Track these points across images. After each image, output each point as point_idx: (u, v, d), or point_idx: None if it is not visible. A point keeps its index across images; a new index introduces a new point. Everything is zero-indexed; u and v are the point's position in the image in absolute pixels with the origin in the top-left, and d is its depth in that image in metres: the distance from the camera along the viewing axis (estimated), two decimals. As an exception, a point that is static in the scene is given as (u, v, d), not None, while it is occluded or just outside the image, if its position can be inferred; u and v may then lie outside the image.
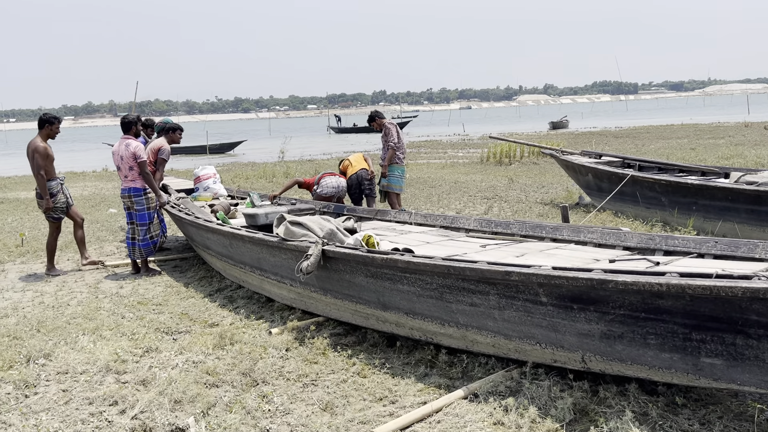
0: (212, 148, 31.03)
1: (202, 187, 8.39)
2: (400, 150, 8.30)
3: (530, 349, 3.54)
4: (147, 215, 6.85)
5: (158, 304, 5.70)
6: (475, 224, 5.72)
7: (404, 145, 8.47)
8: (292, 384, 3.82)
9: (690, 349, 2.95)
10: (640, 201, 8.13)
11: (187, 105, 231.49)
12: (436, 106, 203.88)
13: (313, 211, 6.93)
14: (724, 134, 24.36)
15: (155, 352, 4.43)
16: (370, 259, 4.05)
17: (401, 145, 8.34)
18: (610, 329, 3.15)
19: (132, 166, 6.74)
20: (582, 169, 9.54)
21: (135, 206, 6.83)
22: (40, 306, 5.81)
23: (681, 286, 2.80)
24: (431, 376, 3.82)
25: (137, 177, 6.78)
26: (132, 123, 6.91)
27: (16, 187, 17.50)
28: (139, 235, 6.84)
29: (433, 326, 3.94)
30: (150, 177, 6.80)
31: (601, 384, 3.47)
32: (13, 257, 8.01)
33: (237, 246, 5.57)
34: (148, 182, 6.80)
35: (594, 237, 4.77)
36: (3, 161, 34.91)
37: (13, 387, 3.91)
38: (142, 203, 6.82)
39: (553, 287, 3.23)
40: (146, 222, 6.84)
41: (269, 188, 13.86)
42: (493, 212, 9.67)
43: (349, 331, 4.67)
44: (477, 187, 12.83)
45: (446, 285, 3.69)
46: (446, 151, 24.80)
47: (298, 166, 19.59)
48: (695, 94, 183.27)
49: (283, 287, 5.16)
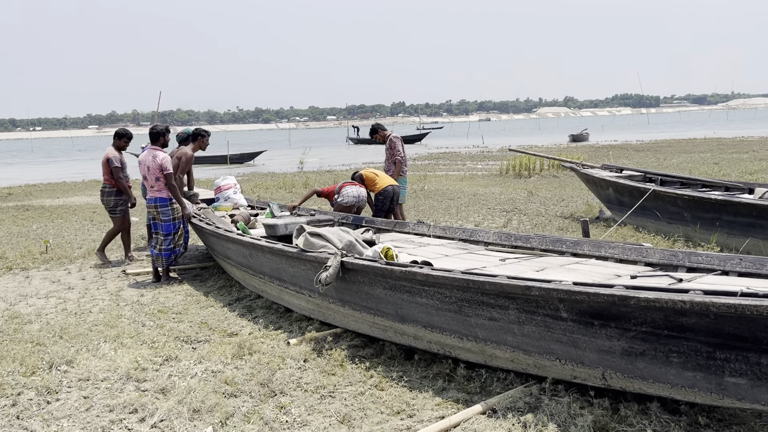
0: (233, 158, 31.32)
1: (223, 197, 8.47)
2: (404, 163, 8.65)
3: (550, 364, 3.51)
4: (172, 225, 6.94)
5: (178, 313, 5.75)
6: (494, 237, 5.70)
7: (407, 158, 8.83)
8: (310, 395, 3.83)
9: (714, 368, 2.90)
10: (661, 216, 8.04)
11: (209, 115, 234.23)
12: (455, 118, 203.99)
13: (332, 223, 6.96)
14: (748, 148, 24.04)
15: (175, 361, 4.46)
16: (388, 272, 4.05)
17: (406, 158, 8.70)
18: (631, 346, 3.11)
19: (158, 177, 6.84)
20: (603, 183, 9.47)
21: (161, 216, 6.92)
22: (63, 313, 5.89)
23: (705, 304, 2.76)
24: (449, 390, 3.80)
25: (163, 187, 6.88)
26: (160, 134, 7.01)
27: (41, 195, 17.80)
28: (162, 245, 6.92)
29: (452, 340, 3.92)
30: (176, 189, 6.90)
31: (621, 402, 3.42)
32: (38, 264, 8.14)
33: (257, 256, 5.61)
34: (174, 194, 6.90)
35: (615, 252, 4.72)
36: (29, 169, 35.60)
37: (35, 393, 3.97)
38: (167, 213, 6.91)
39: (574, 303, 3.20)
40: (171, 232, 6.93)
41: (288, 198, 13.96)
42: (512, 225, 9.63)
43: (367, 343, 4.67)
44: (496, 199, 12.79)
45: (465, 299, 3.68)
46: (465, 163, 24.77)
47: (318, 177, 19.70)
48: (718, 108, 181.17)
49: (301, 298, 5.18)
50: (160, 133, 7.01)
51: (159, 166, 6.81)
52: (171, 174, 6.86)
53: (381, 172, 8.20)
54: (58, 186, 20.69)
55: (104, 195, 8.00)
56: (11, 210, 14.13)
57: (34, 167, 37.18)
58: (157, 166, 6.81)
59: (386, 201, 7.89)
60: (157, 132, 7.01)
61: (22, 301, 6.38)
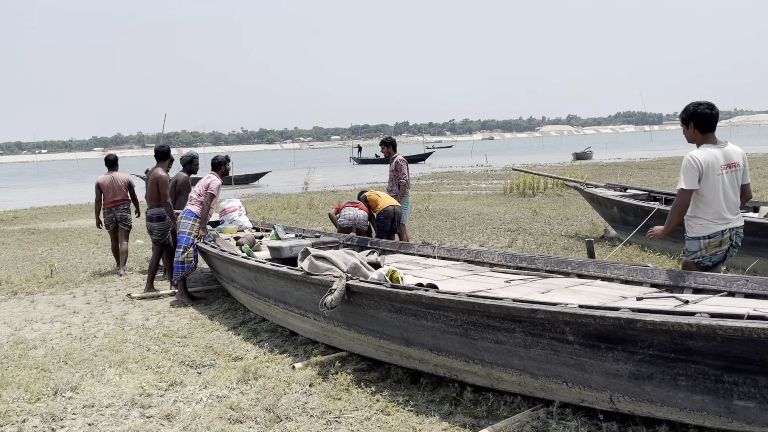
0: (237, 179, 31.45)
1: (228, 219, 8.49)
2: (408, 186, 8.80)
3: (557, 388, 3.48)
4: (185, 239, 7.11)
5: (183, 337, 5.74)
6: (499, 259, 5.69)
7: (410, 179, 9.04)
8: (316, 421, 3.80)
9: (722, 391, 2.88)
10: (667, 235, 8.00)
11: (214, 136, 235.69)
12: (459, 137, 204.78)
13: (337, 244, 6.97)
14: (751, 165, 23.99)
15: (180, 386, 4.45)
16: (394, 295, 4.05)
17: (410, 181, 8.88)
18: (638, 369, 3.09)
19: (201, 192, 7.21)
20: (607, 202, 9.47)
21: (180, 227, 7.19)
22: (68, 337, 5.89)
23: (712, 327, 2.75)
24: (456, 414, 3.77)
25: (197, 203, 7.19)
26: (221, 163, 7.46)
27: (46, 218, 17.89)
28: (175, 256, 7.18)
29: (458, 363, 3.90)
30: (205, 208, 7.17)
31: (630, 425, 3.39)
32: (43, 288, 8.16)
33: (261, 279, 5.61)
34: (203, 212, 7.15)
35: (621, 273, 4.71)
36: (35, 192, 35.78)
37: (40, 420, 3.96)
38: (185, 225, 7.14)
39: (580, 326, 3.19)
40: (181, 245, 7.11)
41: (293, 219, 13.99)
42: (516, 245, 9.62)
43: (373, 366, 4.65)
44: (500, 219, 12.79)
45: (471, 322, 3.67)
46: (469, 182, 24.81)
47: (322, 197, 19.75)
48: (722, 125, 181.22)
49: (306, 321, 5.17)
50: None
51: (205, 185, 7.23)
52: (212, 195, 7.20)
53: (383, 194, 8.26)
54: (64, 209, 20.78)
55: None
56: (17, 233, 14.19)
57: (39, 190, 37.38)
58: (205, 185, 7.24)
59: (387, 221, 7.92)
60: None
61: (27, 326, 6.38)
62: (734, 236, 4.39)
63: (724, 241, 4.34)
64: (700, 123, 4.33)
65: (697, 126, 4.35)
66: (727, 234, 4.33)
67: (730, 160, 4.34)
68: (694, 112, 4.33)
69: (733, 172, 4.36)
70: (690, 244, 4.45)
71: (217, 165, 7.46)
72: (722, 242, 4.34)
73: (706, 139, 4.36)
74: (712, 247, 4.34)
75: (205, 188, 7.19)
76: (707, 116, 4.30)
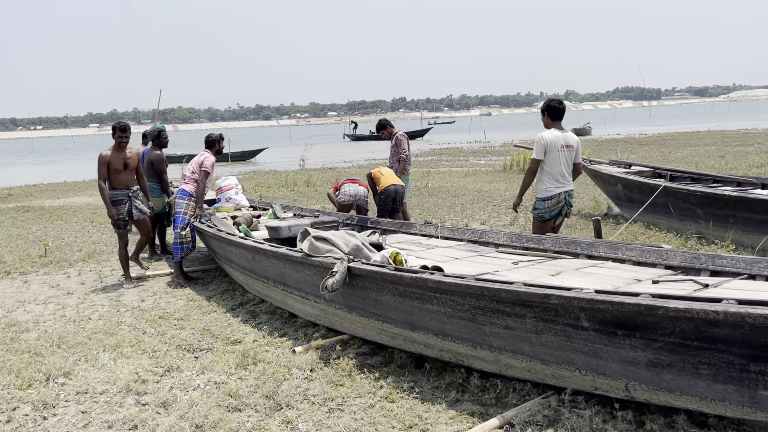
0: (234, 156, 31.14)
1: (224, 197, 8.30)
2: (408, 162, 8.62)
3: (569, 375, 3.34)
4: (181, 219, 6.96)
5: (180, 319, 5.59)
6: (505, 239, 5.52)
7: (411, 156, 8.83)
8: (318, 409, 3.66)
9: (747, 380, 2.73)
10: (673, 213, 7.85)
11: (210, 112, 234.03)
12: (456, 113, 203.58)
13: (337, 224, 6.79)
14: (752, 141, 23.82)
15: (176, 372, 4.30)
16: (398, 278, 3.88)
17: (410, 157, 8.68)
18: (657, 357, 2.94)
19: (194, 170, 7.04)
20: (611, 179, 9.29)
21: (175, 207, 7.07)
22: (61, 320, 5.73)
23: (740, 315, 2.59)
24: (463, 402, 3.63)
25: (190, 181, 7.03)
26: (215, 141, 7.27)
27: (41, 195, 17.65)
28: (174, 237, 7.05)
29: (465, 348, 3.75)
30: (201, 186, 6.98)
31: (646, 414, 3.25)
32: (36, 268, 7.98)
33: (260, 260, 5.44)
34: (198, 190, 6.97)
35: (633, 254, 4.54)
36: (30, 169, 35.45)
37: (31, 408, 3.81)
38: (181, 206, 6.99)
39: (596, 312, 3.03)
40: (177, 224, 6.97)
41: (291, 197, 13.79)
42: (519, 223, 9.45)
43: (376, 350, 4.50)
44: (501, 196, 12.60)
45: (479, 306, 3.51)
46: (468, 158, 24.57)
47: (320, 174, 19.53)
48: (720, 100, 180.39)
49: (306, 303, 5.01)
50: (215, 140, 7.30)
51: (199, 162, 7.05)
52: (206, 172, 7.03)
53: (387, 171, 8.01)
54: (59, 186, 20.53)
55: None
56: (11, 211, 13.97)
57: (34, 167, 37.03)
58: (198, 162, 7.06)
59: (388, 201, 7.69)
60: (212, 140, 7.34)
61: (20, 308, 6.22)
62: (567, 197, 5.75)
63: (560, 200, 5.72)
64: (551, 113, 5.68)
65: (549, 115, 5.69)
66: (563, 195, 5.71)
67: (568, 143, 5.68)
68: (548, 105, 5.75)
69: (569, 151, 5.70)
70: (538, 203, 5.81)
71: (210, 143, 7.27)
72: (559, 201, 5.72)
73: (554, 125, 5.69)
74: (552, 205, 5.72)
75: (199, 166, 7.02)
76: (557, 109, 5.70)
